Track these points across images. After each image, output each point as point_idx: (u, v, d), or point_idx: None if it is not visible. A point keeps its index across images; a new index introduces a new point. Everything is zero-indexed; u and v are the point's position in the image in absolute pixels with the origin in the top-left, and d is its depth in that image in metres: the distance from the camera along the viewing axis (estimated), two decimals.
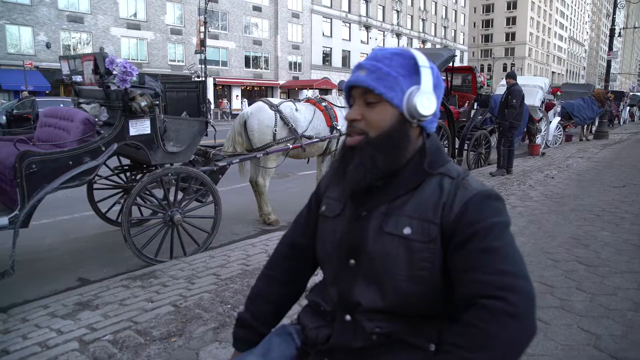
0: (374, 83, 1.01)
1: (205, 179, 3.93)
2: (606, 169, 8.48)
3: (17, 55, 24.72)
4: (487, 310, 0.86)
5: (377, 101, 1.02)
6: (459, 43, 62.35)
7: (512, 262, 0.91)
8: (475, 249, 0.92)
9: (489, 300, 0.87)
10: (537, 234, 4.34)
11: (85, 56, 3.67)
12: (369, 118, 1.03)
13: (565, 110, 13.20)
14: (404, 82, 1.02)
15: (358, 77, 1.04)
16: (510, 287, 0.87)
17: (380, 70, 1.02)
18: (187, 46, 32.35)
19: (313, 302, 1.16)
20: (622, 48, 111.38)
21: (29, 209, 3.00)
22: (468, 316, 0.88)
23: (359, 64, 1.07)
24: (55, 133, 3.60)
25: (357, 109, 1.05)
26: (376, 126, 1.02)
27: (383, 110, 1.02)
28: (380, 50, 1.08)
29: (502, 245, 0.92)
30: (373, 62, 1.04)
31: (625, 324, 2.58)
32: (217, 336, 2.44)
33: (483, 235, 0.93)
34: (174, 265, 3.58)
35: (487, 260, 0.91)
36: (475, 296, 0.89)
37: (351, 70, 1.12)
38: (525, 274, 0.91)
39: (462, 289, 0.93)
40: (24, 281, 3.48)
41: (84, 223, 5.02)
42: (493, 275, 0.89)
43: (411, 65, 1.03)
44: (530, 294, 0.88)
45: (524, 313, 0.86)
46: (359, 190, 1.05)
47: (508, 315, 0.85)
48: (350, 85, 1.07)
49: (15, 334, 2.50)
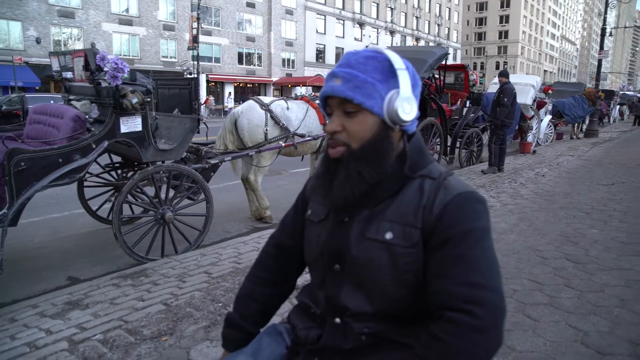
0: (351, 93, 0.97)
1: (197, 176, 3.91)
2: (596, 167, 8.57)
3: (6, 50, 24.36)
4: (452, 324, 0.87)
5: (356, 110, 0.99)
6: (452, 41, 62.53)
7: (484, 273, 0.90)
8: (448, 255, 0.92)
9: (455, 313, 0.87)
10: (527, 231, 4.38)
11: (75, 52, 3.63)
12: (350, 129, 1.00)
13: (557, 109, 13.31)
14: (382, 87, 0.99)
15: (334, 87, 1.00)
16: (477, 300, 0.87)
17: (356, 78, 0.98)
18: (180, 42, 32.12)
19: (303, 304, 1.16)
20: (613, 47, 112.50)
21: (17, 207, 2.97)
22: (434, 328, 0.90)
23: (332, 72, 1.03)
24: (44, 130, 3.56)
25: (336, 120, 1.01)
26: (358, 137, 0.99)
27: (363, 120, 0.99)
28: (352, 54, 1.03)
29: (476, 253, 0.91)
30: (347, 69, 1.00)
31: (612, 320, 2.61)
32: (208, 335, 2.43)
33: (458, 242, 0.92)
34: (165, 263, 3.56)
35: (458, 270, 0.90)
36: (442, 306, 0.90)
37: (326, 75, 1.07)
38: (496, 286, 0.90)
39: (432, 296, 0.93)
40: (12, 280, 3.45)
41: (74, 221, 4.98)
42: (462, 287, 0.88)
43: (386, 68, 1.00)
44: (497, 307, 0.88)
45: (489, 327, 0.86)
46: (348, 205, 1.02)
47: (473, 329, 0.85)
48: (326, 95, 1.03)
49: (4, 334, 2.48)
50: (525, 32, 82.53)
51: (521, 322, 2.59)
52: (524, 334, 2.45)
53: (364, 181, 0.99)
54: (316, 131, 5.19)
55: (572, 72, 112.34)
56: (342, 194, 1.00)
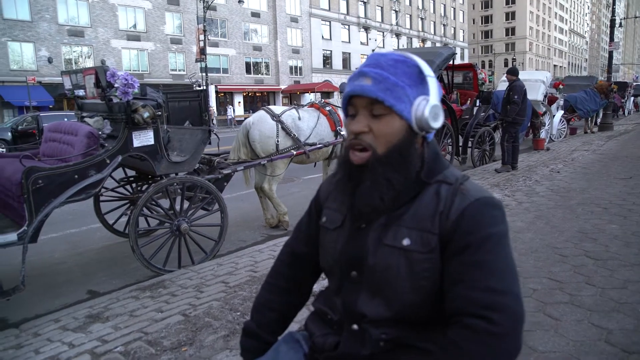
0: (382, 94, 0.96)
1: (210, 187, 3.95)
2: (612, 161, 8.42)
3: (20, 71, 25.01)
4: (470, 330, 0.87)
5: (385, 113, 0.97)
6: (459, 40, 62.26)
7: (502, 278, 0.89)
8: (467, 261, 0.92)
9: (473, 319, 0.87)
10: (545, 229, 4.31)
11: (86, 70, 3.71)
12: (377, 131, 0.97)
13: (569, 103, 13.13)
14: (411, 92, 0.98)
15: (364, 86, 0.97)
16: (495, 306, 0.87)
17: (387, 80, 0.96)
18: (188, 55, 32.56)
19: (320, 310, 1.16)
20: (623, 38, 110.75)
21: (37, 224, 3.03)
22: (452, 333, 0.90)
23: (361, 71, 1.00)
24: (60, 148, 3.63)
25: (363, 120, 0.98)
26: (384, 140, 0.97)
27: (391, 123, 0.97)
28: (380, 56, 1.02)
29: (494, 259, 0.91)
30: (378, 70, 0.98)
31: (636, 317, 2.55)
32: (228, 344, 2.44)
33: (476, 248, 0.92)
34: (182, 274, 3.59)
35: (476, 275, 0.90)
36: (460, 312, 0.90)
37: (351, 74, 1.05)
38: (514, 291, 0.90)
39: (449, 302, 0.93)
40: (34, 296, 3.51)
41: (91, 235, 5.06)
42: (480, 292, 0.88)
43: (415, 73, 0.99)
44: (516, 313, 0.88)
45: (507, 333, 0.86)
46: (375, 213, 1.00)
47: (491, 335, 0.85)
48: (353, 95, 1.00)
49: (28, 349, 2.52)
50: (533, 28, 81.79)
51: (542, 321, 2.55)
52: (546, 333, 2.41)
53: (392, 187, 0.98)
54: (327, 138, 5.20)
55: (582, 65, 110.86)
56: (370, 201, 0.99)
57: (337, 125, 5.27)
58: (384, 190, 0.98)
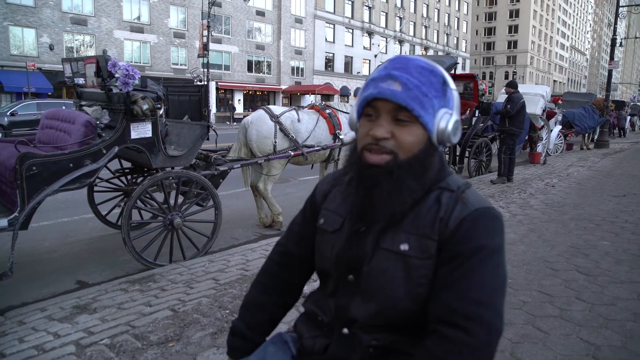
0: (412, 102, 0.94)
1: (206, 183, 3.93)
2: (606, 178, 8.48)
3: (20, 56, 24.81)
4: (447, 340, 0.88)
5: (410, 121, 0.95)
6: (461, 50, 62.53)
7: (486, 291, 0.90)
8: (456, 269, 0.92)
9: (451, 329, 0.88)
10: (537, 242, 4.33)
11: (87, 59, 3.68)
12: (401, 138, 0.95)
13: (567, 119, 13.22)
14: (436, 104, 0.97)
15: (395, 92, 0.94)
16: (475, 318, 0.88)
17: (418, 88, 0.94)
18: (190, 50, 32.48)
19: (310, 312, 1.14)
20: (623, 58, 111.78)
21: (28, 211, 3.00)
22: (430, 342, 0.91)
23: (390, 74, 0.96)
24: (56, 135, 3.61)
25: (385, 126, 0.95)
26: (407, 148, 0.95)
27: (415, 131, 0.96)
28: (407, 60, 0.98)
29: (483, 271, 0.91)
30: (407, 75, 0.95)
31: (624, 334, 2.57)
32: (215, 341, 2.42)
33: (467, 257, 0.92)
34: (173, 269, 3.57)
35: (461, 285, 0.90)
36: (440, 319, 0.90)
37: (374, 74, 1.00)
38: (496, 306, 0.90)
39: (432, 306, 0.93)
40: (22, 283, 3.48)
41: (83, 226, 5.02)
42: (462, 302, 0.89)
43: (440, 84, 0.98)
44: (494, 327, 0.88)
45: (482, 345, 0.87)
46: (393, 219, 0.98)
47: (466, 346, 0.86)
48: (379, 97, 0.96)
49: (12, 337, 2.49)
50: (535, 42, 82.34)
51: (531, 334, 2.55)
52: (534, 346, 2.41)
53: (412, 194, 0.97)
54: (325, 141, 5.20)
55: (582, 82, 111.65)
56: (390, 208, 0.97)
57: (336, 128, 5.26)
58: (404, 197, 0.96)
